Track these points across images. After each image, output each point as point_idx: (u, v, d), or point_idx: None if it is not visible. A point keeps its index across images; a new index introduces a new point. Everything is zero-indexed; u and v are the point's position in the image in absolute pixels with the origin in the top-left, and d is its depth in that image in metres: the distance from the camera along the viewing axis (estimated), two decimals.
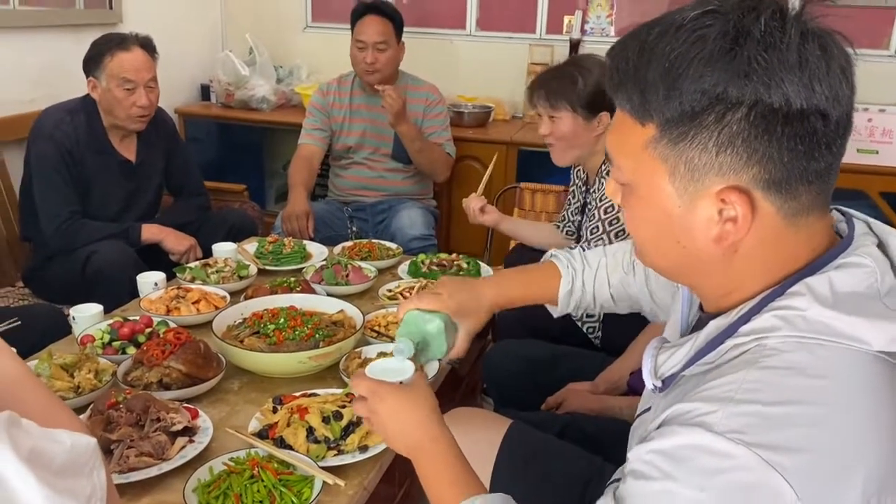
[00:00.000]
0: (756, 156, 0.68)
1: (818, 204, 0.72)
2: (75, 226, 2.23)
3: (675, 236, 0.74)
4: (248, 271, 2.01)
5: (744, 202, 0.69)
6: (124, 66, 2.24)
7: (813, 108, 0.66)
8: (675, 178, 0.72)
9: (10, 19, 2.79)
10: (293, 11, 3.83)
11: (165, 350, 1.42)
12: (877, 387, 0.68)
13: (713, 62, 0.66)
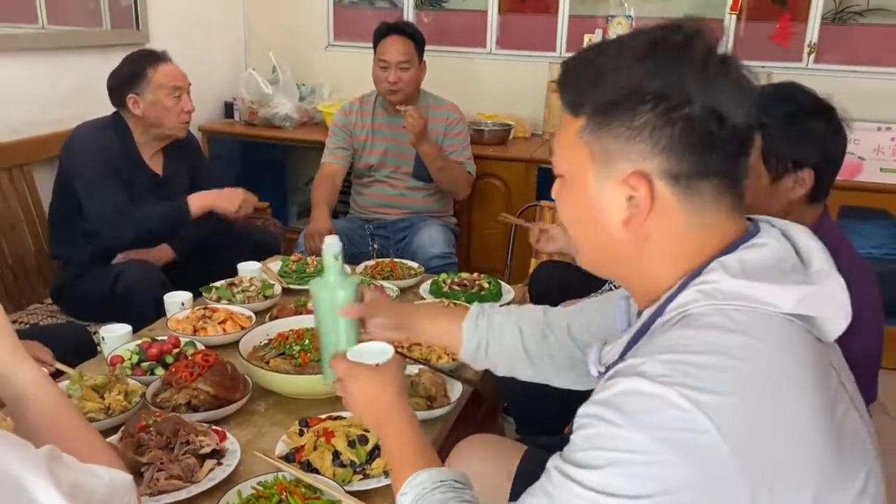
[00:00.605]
0: (659, 146, 0.77)
1: (724, 205, 0.81)
2: (128, 210, 2.25)
3: (595, 222, 0.84)
4: (272, 290, 2.04)
5: (644, 186, 0.78)
6: (170, 75, 2.33)
7: (709, 110, 0.76)
8: (594, 163, 0.82)
9: (39, 41, 2.87)
10: (315, 30, 3.88)
11: (194, 372, 1.44)
12: (789, 344, 0.76)
13: (633, 63, 0.78)
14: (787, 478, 0.72)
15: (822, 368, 0.78)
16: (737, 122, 0.77)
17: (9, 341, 0.86)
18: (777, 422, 0.72)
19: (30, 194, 2.68)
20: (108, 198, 2.25)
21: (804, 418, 0.73)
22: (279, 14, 3.90)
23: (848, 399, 0.81)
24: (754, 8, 3.26)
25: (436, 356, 1.68)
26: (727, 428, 0.69)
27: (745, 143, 0.80)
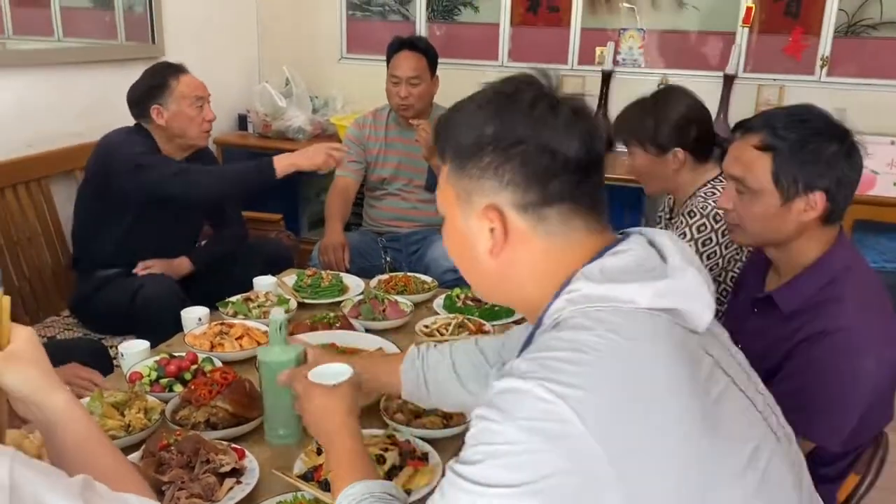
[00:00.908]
0: (503, 181, 0.89)
1: (576, 226, 0.91)
2: (201, 170, 2.32)
3: (470, 256, 0.95)
4: (288, 305, 2.05)
5: (497, 218, 0.90)
6: (192, 86, 2.39)
7: (541, 147, 0.88)
8: (459, 202, 0.94)
9: (56, 56, 2.90)
10: (329, 43, 3.92)
11: (213, 390, 1.46)
12: (650, 336, 0.83)
13: (475, 114, 0.91)
14: (655, 460, 0.77)
15: (692, 355, 0.85)
16: (569, 155, 0.88)
17: (43, 368, 0.88)
18: (639, 409, 0.78)
19: (47, 207, 2.71)
20: (166, 164, 2.31)
21: (666, 403, 0.79)
22: (293, 27, 3.94)
23: (727, 381, 0.87)
24: (766, 21, 3.26)
25: None
26: (591, 417, 0.75)
27: (587, 171, 0.90)
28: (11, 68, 2.67)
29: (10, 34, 2.81)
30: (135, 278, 2.30)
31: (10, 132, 2.60)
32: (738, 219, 1.44)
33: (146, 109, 2.38)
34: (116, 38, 3.26)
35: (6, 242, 2.51)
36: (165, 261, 2.40)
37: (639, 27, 3.41)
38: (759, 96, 3.26)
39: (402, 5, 3.77)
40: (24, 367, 0.87)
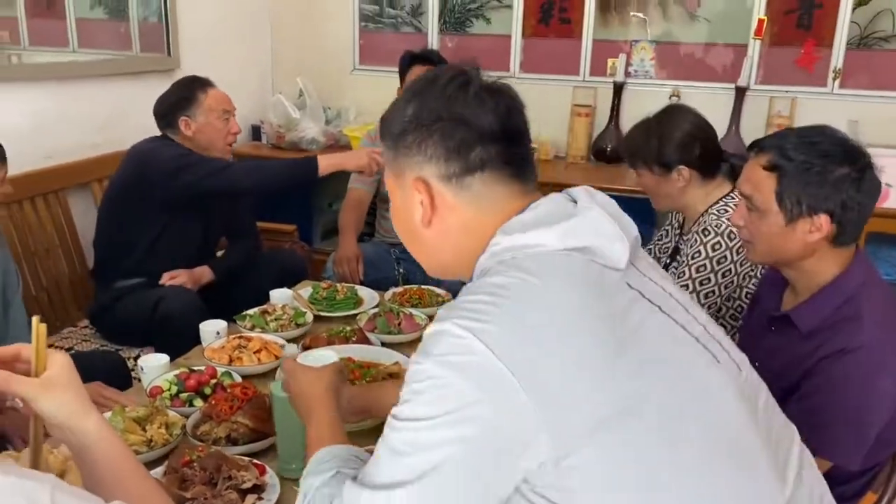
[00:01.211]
0: (427, 155, 0.98)
1: (500, 192, 0.99)
2: (243, 164, 2.46)
3: (410, 230, 1.04)
4: (304, 318, 2.07)
5: (424, 189, 0.99)
6: (219, 99, 2.47)
7: (455, 121, 0.97)
8: (397, 180, 1.04)
9: (72, 69, 2.92)
10: (341, 54, 3.94)
11: (233, 405, 1.47)
12: (562, 273, 0.90)
13: (402, 101, 1.02)
14: (567, 381, 0.83)
15: (608, 288, 0.92)
16: (484, 127, 0.97)
17: (77, 393, 0.89)
18: (548, 335, 0.85)
19: (64, 219, 2.74)
20: (208, 161, 2.38)
21: (574, 328, 0.86)
22: (305, 38, 3.97)
23: (651, 308, 0.94)
24: (778, 33, 3.27)
25: None
26: (499, 347, 0.82)
27: (505, 141, 0.98)
28: (29, 82, 2.70)
29: (26, 45, 2.84)
30: (156, 289, 2.32)
31: (29, 145, 2.63)
32: (749, 236, 1.45)
33: (174, 121, 2.43)
34: (131, 49, 3.29)
35: (24, 253, 2.54)
36: (188, 270, 2.43)
37: (650, 39, 3.43)
38: (771, 108, 3.27)
39: (414, 17, 3.80)
40: (61, 393, 0.88)
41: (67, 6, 2.95)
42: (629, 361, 0.86)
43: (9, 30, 2.81)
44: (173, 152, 2.37)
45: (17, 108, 2.61)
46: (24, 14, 2.81)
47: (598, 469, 0.84)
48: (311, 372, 1.26)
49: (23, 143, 2.61)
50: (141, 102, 3.12)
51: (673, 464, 0.87)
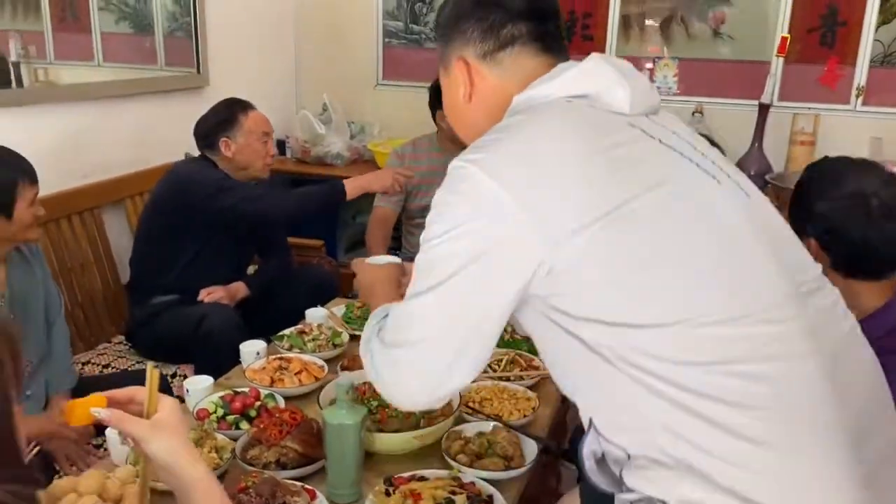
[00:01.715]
0: (467, 37, 1.15)
1: (527, 64, 1.13)
2: (273, 193, 2.51)
3: (455, 106, 1.21)
4: (341, 339, 2.11)
5: (465, 68, 1.16)
6: (259, 122, 2.54)
7: (490, 4, 1.14)
8: (444, 70, 1.21)
9: (105, 89, 2.92)
10: (365, 69, 3.98)
11: (282, 430, 1.51)
12: (559, 115, 1.03)
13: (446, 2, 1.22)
14: (554, 189, 0.95)
15: (607, 125, 1.02)
16: (514, 6, 1.12)
17: (185, 438, 0.95)
18: (538, 153, 0.98)
19: (99, 236, 2.78)
20: (246, 187, 2.45)
21: (562, 149, 0.98)
22: (330, 54, 4.01)
23: (651, 141, 1.02)
24: (802, 51, 3.29)
25: (507, 412, 1.73)
26: (492, 170, 0.97)
27: (534, 20, 1.13)
28: (63, 102, 2.73)
29: (52, 59, 2.88)
30: (194, 306, 2.36)
31: (65, 164, 2.68)
32: None
33: (215, 141, 2.49)
34: (156, 63, 3.32)
35: (61, 269, 2.59)
36: (225, 287, 2.48)
37: (673, 56, 3.45)
38: (794, 125, 3.29)
39: None
40: (170, 436, 0.93)
41: (93, 20, 2.98)
42: (622, 178, 0.96)
43: (35, 44, 2.85)
44: (214, 176, 2.43)
45: (53, 128, 2.66)
46: (51, 28, 2.85)
47: (592, 265, 0.94)
48: (377, 269, 1.50)
49: (60, 163, 2.67)
50: (171, 120, 3.18)
51: (664, 258, 0.95)
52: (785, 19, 3.27)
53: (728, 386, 0.91)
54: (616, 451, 0.98)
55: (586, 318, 0.95)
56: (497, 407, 1.75)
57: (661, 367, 0.92)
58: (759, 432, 0.91)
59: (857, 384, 1.01)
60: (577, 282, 0.95)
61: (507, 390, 1.82)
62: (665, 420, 0.92)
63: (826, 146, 3.27)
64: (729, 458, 0.91)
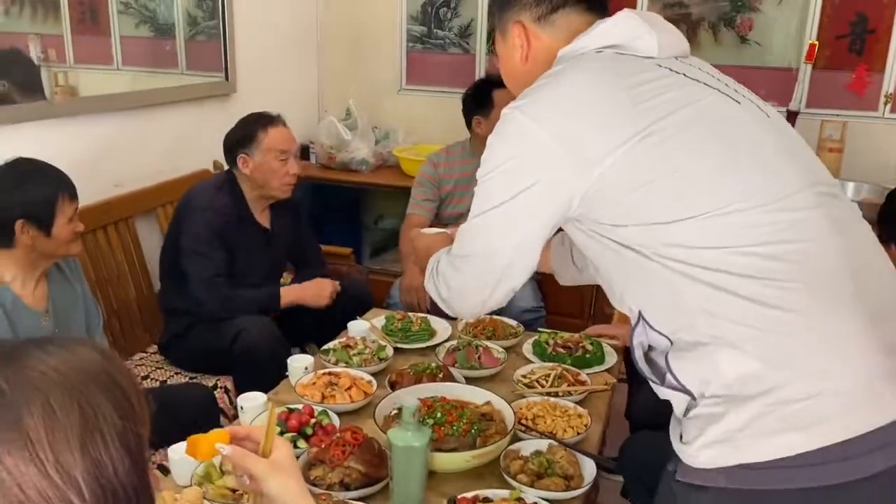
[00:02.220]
0: (521, 3, 1.27)
1: (576, 24, 1.25)
2: (224, 291, 2.40)
3: (512, 69, 1.31)
4: (385, 353, 2.12)
5: (521, 32, 1.28)
6: (278, 139, 2.48)
7: None
8: (501, 37, 1.32)
9: (134, 99, 2.89)
10: (388, 74, 3.98)
11: (345, 450, 1.51)
12: (591, 63, 1.17)
13: None
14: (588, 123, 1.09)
15: (635, 67, 1.14)
16: None
17: (299, 480, 0.98)
18: (568, 97, 1.12)
19: (133, 246, 2.79)
20: (203, 267, 2.39)
21: (594, 92, 1.11)
22: (354, 58, 4.01)
23: (682, 78, 1.14)
24: (830, 57, 3.29)
25: (561, 429, 1.74)
26: (534, 114, 1.12)
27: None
28: (93, 113, 2.71)
29: (71, 63, 2.85)
30: (230, 320, 2.36)
31: (97, 175, 2.68)
32: None
33: (235, 158, 2.48)
34: (177, 67, 3.31)
35: (97, 280, 2.59)
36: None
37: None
38: (822, 132, 3.29)
39: (462, 38, 3.83)
40: (286, 477, 0.96)
41: (112, 23, 2.95)
42: (646, 107, 1.08)
43: (55, 47, 2.84)
44: (195, 228, 2.40)
45: (84, 139, 2.65)
46: (70, 31, 2.82)
47: (621, 182, 1.07)
48: (430, 237, 1.64)
49: (93, 174, 2.67)
50: (200, 128, 3.19)
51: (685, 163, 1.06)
52: (814, 26, 3.26)
53: (754, 264, 1.02)
54: (661, 340, 1.10)
55: (622, 225, 1.09)
56: (550, 424, 1.76)
57: (691, 253, 1.04)
58: (786, 301, 1.01)
59: (874, 273, 1.11)
60: (610, 198, 1.09)
61: (558, 407, 1.82)
62: (700, 302, 1.04)
63: (854, 154, 3.28)
64: (759, 326, 1.01)
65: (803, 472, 1.00)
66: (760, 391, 1.01)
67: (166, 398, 2.07)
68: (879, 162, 3.27)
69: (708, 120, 1.10)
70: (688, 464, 1.07)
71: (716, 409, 1.04)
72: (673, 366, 1.08)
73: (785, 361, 1.01)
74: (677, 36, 1.25)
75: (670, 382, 1.09)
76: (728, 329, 1.03)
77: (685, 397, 1.09)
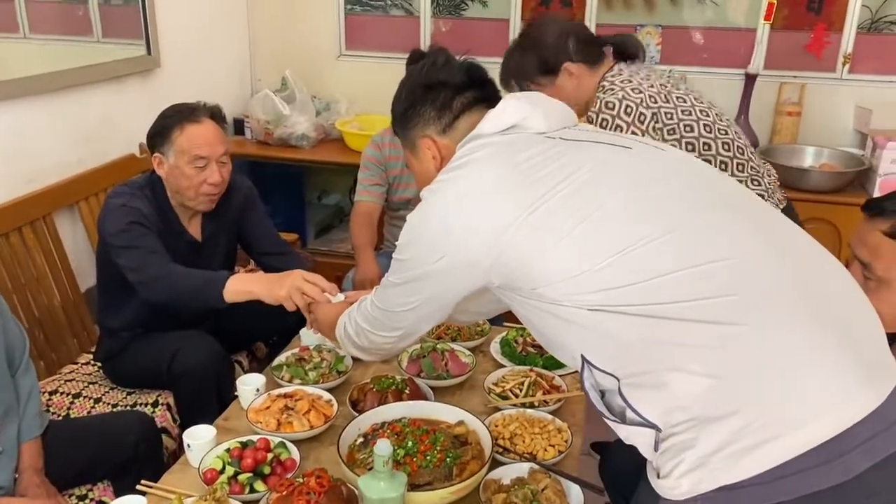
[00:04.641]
0: (425, 119, 1.35)
1: (475, 121, 1.30)
2: (159, 271, 1.98)
3: (425, 173, 1.37)
4: (344, 364, 1.95)
5: (432, 144, 1.35)
6: (195, 141, 2.04)
7: (436, 85, 1.34)
8: (412, 153, 1.41)
9: (43, 83, 2.55)
10: (326, 39, 3.71)
11: (310, 500, 1.36)
12: (494, 146, 1.23)
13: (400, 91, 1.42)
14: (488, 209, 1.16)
15: (526, 143, 1.21)
16: (456, 81, 1.34)
17: None
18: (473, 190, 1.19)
19: (53, 246, 2.52)
20: (131, 253, 2.01)
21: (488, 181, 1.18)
22: (286, 23, 3.72)
23: (571, 143, 1.21)
24: (788, 17, 3.17)
25: (541, 449, 1.61)
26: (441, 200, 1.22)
27: (475, 88, 1.35)
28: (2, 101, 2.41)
29: None
30: (166, 337, 2.11)
31: (7, 170, 2.40)
32: None
33: (152, 157, 2.11)
34: (92, 35, 2.98)
35: (14, 286, 2.34)
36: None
37: (656, 24, 3.30)
38: (780, 95, 3.20)
39: (404, 0, 3.58)
40: None
41: None
42: (533, 181, 1.14)
43: None
44: (117, 225, 2.01)
45: None
46: None
47: (529, 246, 1.12)
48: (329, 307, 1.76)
49: (1, 169, 2.39)
50: (123, 108, 2.91)
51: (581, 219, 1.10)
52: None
53: (679, 288, 1.04)
54: (608, 379, 1.10)
55: (540, 286, 1.12)
56: (529, 444, 1.63)
57: (613, 294, 1.06)
58: (723, 314, 1.01)
59: (793, 244, 1.15)
60: (518, 267, 1.14)
61: (537, 422, 1.70)
62: (635, 334, 1.05)
63: (812, 117, 3.20)
64: (701, 343, 1.01)
65: (785, 483, 0.97)
66: (726, 410, 0.99)
67: (98, 428, 1.86)
68: (837, 126, 3.21)
69: (600, 170, 1.15)
70: (669, 498, 1.05)
71: (686, 436, 1.02)
72: (630, 400, 1.07)
73: (740, 374, 1.00)
74: (562, 108, 1.33)
75: (632, 419, 1.08)
76: (670, 352, 1.03)
77: (651, 432, 1.06)
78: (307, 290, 1.80)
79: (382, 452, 1.28)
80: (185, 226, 2.20)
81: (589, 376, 1.13)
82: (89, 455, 1.82)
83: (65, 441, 1.81)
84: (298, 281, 1.83)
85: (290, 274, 1.87)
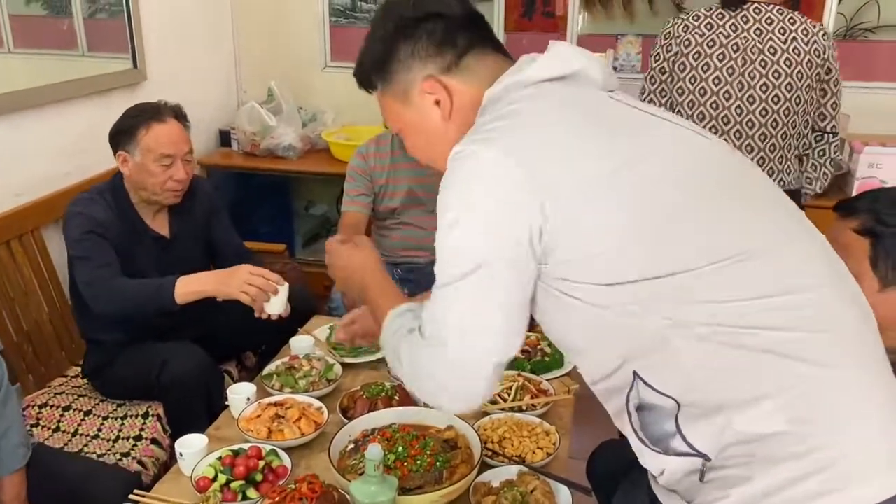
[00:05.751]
0: (422, 57, 1.10)
1: (488, 64, 1.12)
2: (107, 285, 2.03)
3: (430, 135, 1.15)
4: (334, 372, 1.97)
5: (437, 85, 1.11)
6: (161, 140, 2.11)
7: (431, 17, 1.11)
8: (402, 104, 1.15)
9: (31, 97, 2.59)
10: (310, 51, 3.74)
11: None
12: (544, 95, 1.05)
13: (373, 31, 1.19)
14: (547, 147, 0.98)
15: (587, 97, 1.07)
16: (456, 14, 1.11)
17: None
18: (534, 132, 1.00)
19: (42, 260, 2.53)
20: (82, 268, 2.07)
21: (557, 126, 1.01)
22: (272, 35, 3.75)
23: (624, 104, 1.09)
24: None
25: (530, 451, 1.64)
26: (510, 149, 0.97)
27: (476, 22, 1.14)
28: None
29: None
30: (153, 347, 2.13)
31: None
32: None
33: (115, 155, 2.17)
34: (77, 49, 3.00)
35: (2, 301, 2.34)
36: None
37: (637, 32, 3.35)
38: None
39: None
40: None
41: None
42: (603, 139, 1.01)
43: None
44: (73, 234, 2.08)
45: None
46: None
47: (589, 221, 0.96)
48: (354, 248, 1.46)
49: None
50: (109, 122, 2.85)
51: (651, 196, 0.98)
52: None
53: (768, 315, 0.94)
54: (663, 401, 0.97)
55: (609, 280, 0.96)
56: (518, 447, 1.66)
57: (693, 311, 0.94)
58: (808, 352, 0.93)
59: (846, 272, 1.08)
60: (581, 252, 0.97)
61: (525, 425, 1.73)
62: (711, 361, 0.94)
63: None
64: (789, 382, 0.93)
65: None
66: (791, 454, 0.92)
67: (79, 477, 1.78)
68: None
69: (685, 159, 1.04)
70: None
71: (739, 472, 0.94)
72: (684, 429, 0.97)
73: (815, 418, 0.93)
74: (609, 69, 1.19)
75: (677, 448, 0.98)
76: (745, 385, 0.94)
77: (697, 461, 0.97)
78: (256, 282, 1.94)
79: (373, 456, 1.30)
80: (149, 223, 2.24)
81: (635, 396, 1.01)
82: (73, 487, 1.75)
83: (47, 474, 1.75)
84: (246, 275, 1.96)
85: (238, 269, 2.00)
